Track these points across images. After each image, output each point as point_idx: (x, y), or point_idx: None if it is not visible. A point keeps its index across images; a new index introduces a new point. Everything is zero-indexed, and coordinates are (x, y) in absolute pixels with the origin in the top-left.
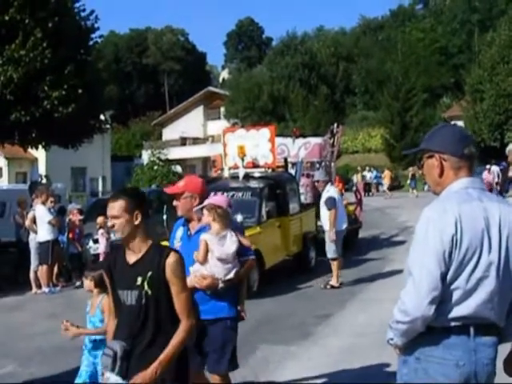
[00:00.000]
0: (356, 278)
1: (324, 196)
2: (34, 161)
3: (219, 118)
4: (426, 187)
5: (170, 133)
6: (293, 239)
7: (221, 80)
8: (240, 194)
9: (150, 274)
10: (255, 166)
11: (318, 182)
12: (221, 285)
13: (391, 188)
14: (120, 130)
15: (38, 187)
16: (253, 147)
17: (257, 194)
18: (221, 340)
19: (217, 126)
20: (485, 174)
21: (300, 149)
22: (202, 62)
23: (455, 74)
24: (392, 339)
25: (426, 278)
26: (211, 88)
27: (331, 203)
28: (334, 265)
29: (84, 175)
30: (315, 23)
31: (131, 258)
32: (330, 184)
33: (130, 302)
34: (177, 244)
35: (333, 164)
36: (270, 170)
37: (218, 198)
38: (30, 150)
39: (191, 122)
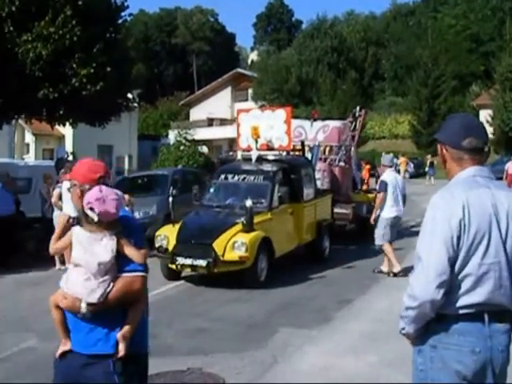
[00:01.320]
0: (378, 264)
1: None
2: (61, 138)
3: (247, 99)
4: None
5: (197, 113)
6: (306, 227)
7: (249, 62)
8: (252, 178)
9: None
10: (269, 148)
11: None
12: (83, 310)
13: (416, 175)
14: (147, 109)
15: (65, 164)
16: (267, 128)
17: (269, 178)
18: None
19: (244, 108)
20: (508, 165)
21: (318, 132)
22: (231, 43)
23: (485, 62)
24: (404, 329)
25: (434, 262)
26: (239, 69)
27: (380, 187)
28: (384, 251)
29: (110, 153)
30: (345, 7)
31: None
32: (391, 169)
33: None
34: None
35: (353, 149)
36: (284, 153)
37: (94, 191)
38: (57, 126)
39: (219, 103)
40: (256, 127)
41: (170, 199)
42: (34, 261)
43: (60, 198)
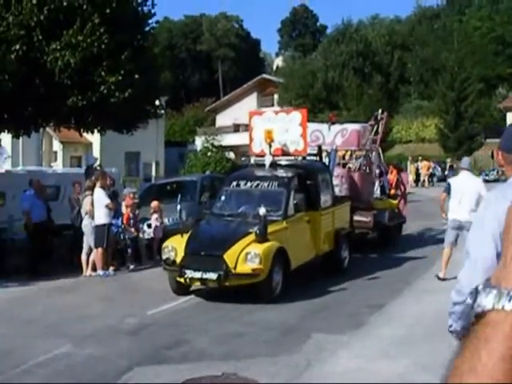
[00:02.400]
0: (410, 268)
1: None
2: (89, 145)
3: (273, 105)
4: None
5: (223, 119)
6: (324, 236)
7: (275, 67)
8: (265, 184)
9: None
10: (284, 153)
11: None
12: None
13: (443, 179)
14: (174, 116)
15: (95, 171)
16: (282, 132)
17: (284, 185)
18: None
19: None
20: None
21: (336, 136)
22: (256, 49)
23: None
24: (451, 326)
25: (481, 258)
26: (265, 75)
27: (445, 188)
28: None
29: (138, 160)
30: (370, 11)
31: None
32: (466, 172)
33: None
34: None
35: (374, 153)
36: (300, 158)
37: None
38: (84, 134)
39: (244, 109)
40: (270, 131)
41: (178, 207)
42: (64, 267)
43: (92, 205)
